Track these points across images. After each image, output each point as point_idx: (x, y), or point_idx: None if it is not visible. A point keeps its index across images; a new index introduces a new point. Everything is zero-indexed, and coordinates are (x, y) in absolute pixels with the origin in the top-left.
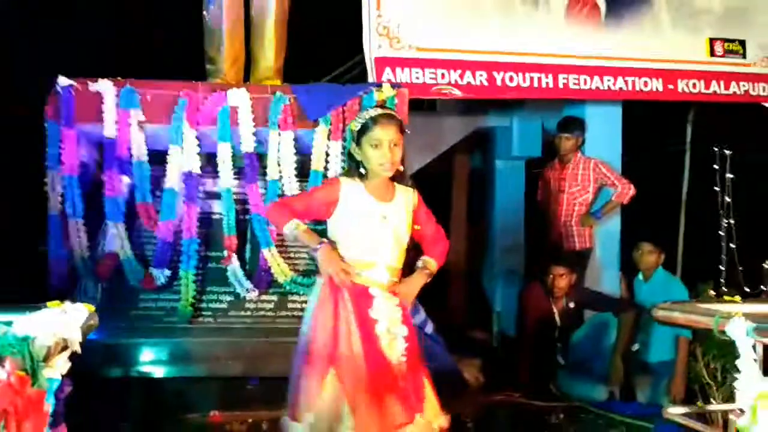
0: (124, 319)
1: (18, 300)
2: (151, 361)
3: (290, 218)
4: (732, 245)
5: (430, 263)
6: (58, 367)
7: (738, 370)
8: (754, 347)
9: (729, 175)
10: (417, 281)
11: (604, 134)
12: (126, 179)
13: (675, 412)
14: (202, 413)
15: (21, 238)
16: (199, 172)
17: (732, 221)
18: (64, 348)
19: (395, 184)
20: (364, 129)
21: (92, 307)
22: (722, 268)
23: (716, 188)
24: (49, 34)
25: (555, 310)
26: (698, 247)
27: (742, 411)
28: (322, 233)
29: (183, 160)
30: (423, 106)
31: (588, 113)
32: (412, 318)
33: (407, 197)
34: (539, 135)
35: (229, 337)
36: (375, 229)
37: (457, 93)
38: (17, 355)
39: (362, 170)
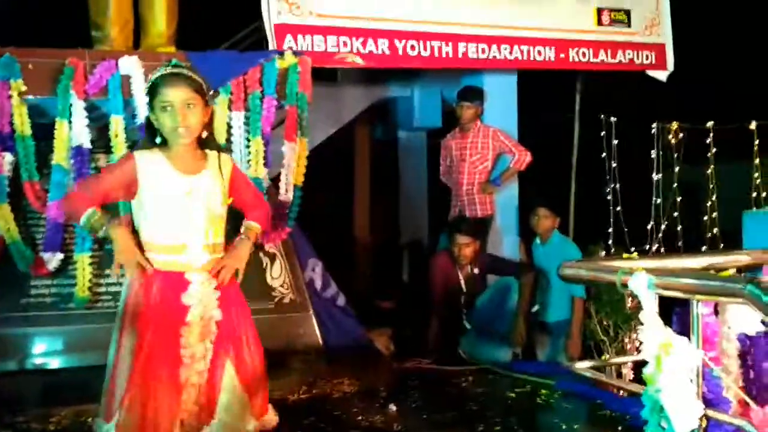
0: (14, 307)
1: None
2: (48, 351)
3: (86, 208)
4: (618, 208)
5: (253, 227)
6: None
7: (641, 323)
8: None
9: (614, 141)
10: (241, 250)
11: (501, 103)
12: (9, 156)
13: (582, 366)
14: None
15: None
16: (90, 146)
17: (618, 185)
18: None
19: (206, 151)
20: (152, 91)
21: None
22: (610, 230)
23: (603, 155)
24: None
25: (461, 277)
26: (588, 211)
27: (642, 364)
28: None
29: (71, 134)
30: (324, 75)
31: (486, 82)
32: (319, 289)
33: (220, 164)
34: (439, 105)
35: None
36: (180, 207)
37: (360, 62)
38: None
39: (158, 139)
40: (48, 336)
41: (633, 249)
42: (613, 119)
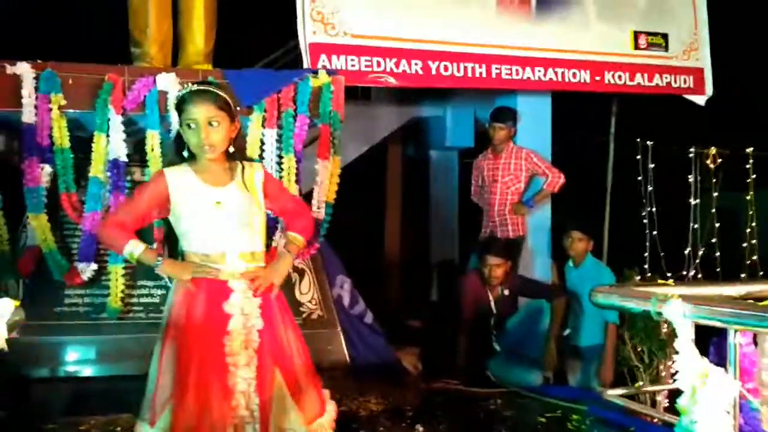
0: (48, 316)
1: None
2: (80, 359)
3: (127, 239)
4: (654, 232)
5: (295, 239)
6: None
7: (676, 352)
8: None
9: (651, 165)
10: (280, 264)
11: (534, 124)
12: (47, 168)
13: (614, 393)
14: (135, 413)
15: None
16: (126, 160)
17: (654, 209)
18: None
19: (237, 162)
20: (178, 109)
21: (17, 302)
22: (646, 254)
23: (639, 178)
24: None
25: (491, 298)
26: (623, 234)
27: (677, 392)
28: None
29: (109, 147)
30: (357, 95)
31: (519, 104)
32: (347, 306)
33: (251, 175)
34: (472, 125)
35: None
36: (212, 218)
37: (393, 81)
38: None
39: (186, 153)
40: (80, 345)
41: (669, 275)
42: (649, 143)
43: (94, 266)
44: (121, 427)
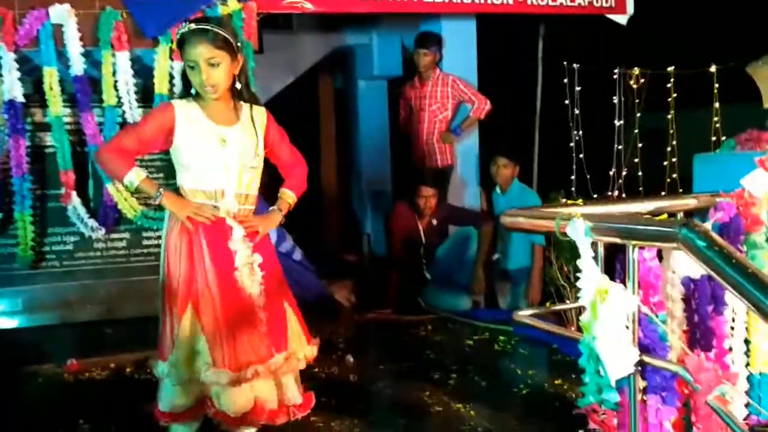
0: None
1: None
2: None
3: (129, 167)
4: (581, 155)
5: (288, 196)
6: None
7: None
8: (594, 246)
9: (577, 88)
10: (272, 219)
11: (459, 50)
12: None
13: (524, 314)
14: (56, 363)
15: None
16: (23, 100)
17: (580, 132)
18: None
19: (241, 103)
20: (180, 48)
21: None
22: (572, 177)
23: (566, 101)
24: None
25: (421, 228)
26: (551, 159)
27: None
28: None
29: (2, 87)
30: (278, 23)
31: (444, 29)
32: (274, 245)
33: (255, 116)
34: (399, 53)
35: (79, 280)
36: (215, 155)
37: (309, 6)
38: None
39: (193, 91)
40: None
41: (595, 196)
42: (575, 66)
43: None
44: (44, 376)
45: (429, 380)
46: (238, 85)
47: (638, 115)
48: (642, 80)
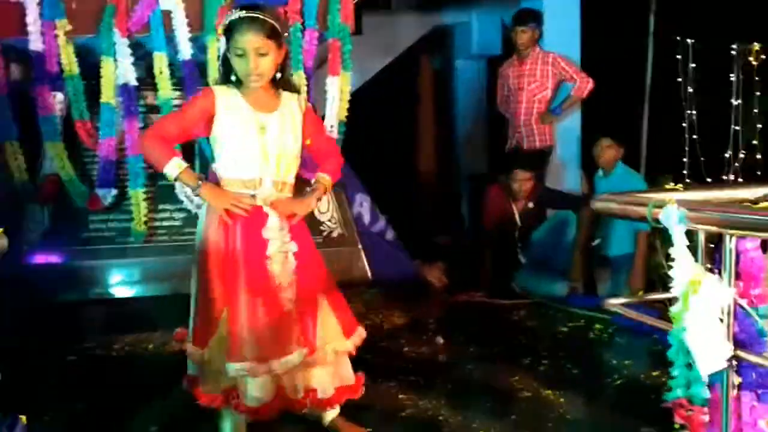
0: (76, 241)
1: None
2: (110, 282)
3: (170, 156)
4: (695, 136)
5: (324, 180)
6: None
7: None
8: (689, 235)
9: (691, 65)
10: (309, 201)
11: (562, 27)
12: (59, 95)
13: (615, 302)
14: (166, 330)
15: None
16: (136, 84)
17: (695, 112)
18: None
19: (281, 91)
20: (227, 35)
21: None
22: (685, 159)
23: (679, 79)
24: None
25: (516, 211)
26: (662, 140)
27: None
28: None
29: (117, 72)
30: (377, 4)
31: (546, 4)
32: (367, 224)
33: (295, 105)
34: (499, 31)
35: (187, 254)
36: (254, 142)
37: None
38: None
39: (233, 78)
40: (108, 268)
41: (709, 180)
42: (689, 41)
43: (114, 192)
44: (153, 344)
45: (519, 365)
46: (279, 75)
47: (757, 94)
48: (762, 57)
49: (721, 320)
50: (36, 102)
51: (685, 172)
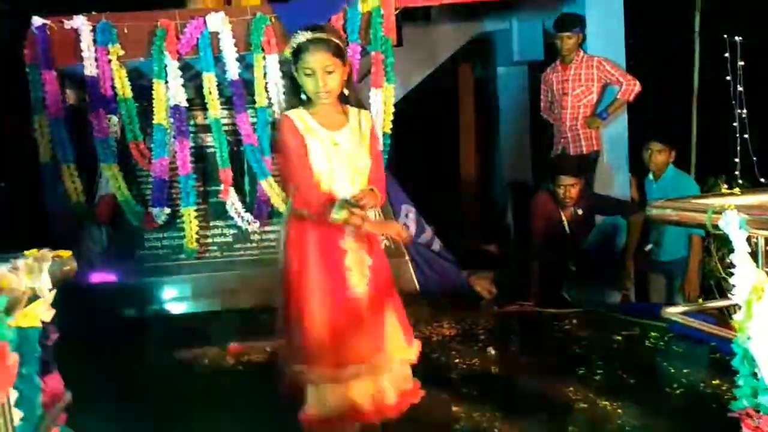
0: (133, 260)
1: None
2: (164, 298)
3: (329, 204)
4: (746, 136)
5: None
6: (35, 316)
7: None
8: (749, 240)
9: (740, 63)
10: (395, 226)
11: (605, 30)
12: (114, 118)
13: (674, 311)
14: (219, 345)
15: (23, 189)
16: (186, 105)
17: (745, 111)
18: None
19: (347, 106)
20: (295, 56)
21: (68, 253)
22: (736, 160)
23: (728, 77)
24: None
25: (564, 218)
26: (712, 140)
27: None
28: None
29: (168, 93)
30: (417, 16)
31: (588, 7)
32: (413, 236)
33: (361, 120)
34: (540, 37)
35: (237, 270)
36: (328, 159)
37: None
38: None
39: (303, 96)
40: (163, 285)
41: (762, 181)
42: (738, 38)
43: (167, 210)
44: (208, 358)
45: (574, 375)
46: (346, 91)
47: None
48: None
49: None
50: (91, 125)
51: (737, 173)
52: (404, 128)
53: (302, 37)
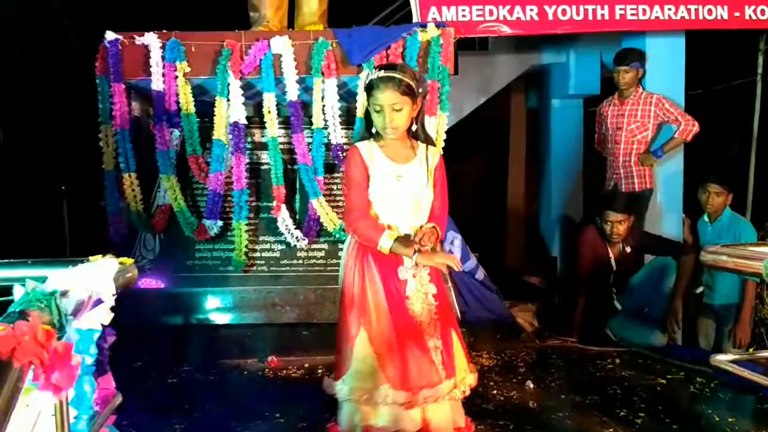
0: (182, 269)
1: (78, 254)
2: (210, 308)
3: (381, 232)
4: None
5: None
6: (96, 319)
7: None
8: None
9: None
10: (452, 257)
11: (666, 67)
12: (176, 132)
13: (723, 358)
14: (260, 358)
15: (85, 195)
16: (245, 122)
17: None
18: (101, 300)
19: (417, 141)
20: (368, 92)
21: (130, 260)
22: None
23: None
24: None
25: (611, 255)
26: None
27: None
28: None
29: (229, 111)
30: (475, 45)
31: (649, 45)
32: (442, 276)
33: (428, 156)
34: (597, 71)
35: (283, 285)
36: (392, 191)
37: (506, 30)
38: (44, 310)
39: (374, 130)
40: (210, 295)
41: None
42: None
43: (220, 223)
44: (248, 370)
45: (614, 416)
46: (414, 127)
47: None
48: None
49: None
50: (154, 137)
51: None
52: (456, 155)
53: (374, 74)
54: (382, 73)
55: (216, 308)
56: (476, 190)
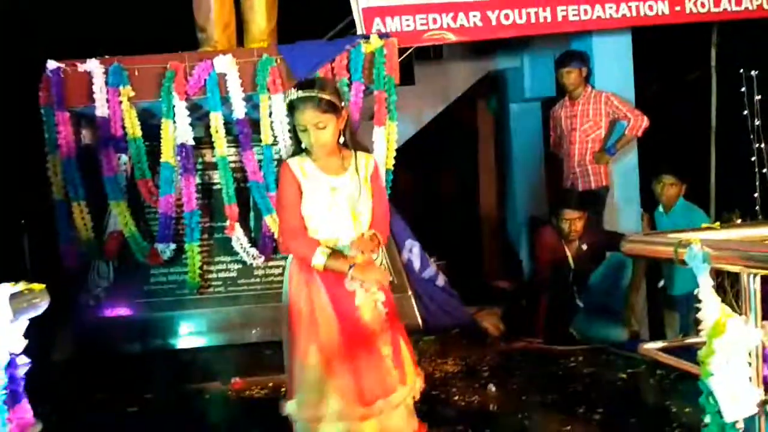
0: (138, 294)
1: None
2: (169, 333)
3: (315, 248)
4: (764, 170)
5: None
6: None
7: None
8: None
9: (757, 97)
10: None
11: (614, 65)
12: (123, 157)
13: (651, 347)
14: (223, 381)
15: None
16: (193, 143)
17: (763, 145)
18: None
19: (348, 151)
20: (289, 111)
21: (41, 286)
22: (756, 195)
23: (745, 112)
24: (39, 16)
25: (569, 254)
26: (730, 175)
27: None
28: None
29: (176, 132)
30: (429, 55)
31: (595, 44)
32: (417, 271)
33: (360, 164)
34: (552, 74)
35: (241, 304)
36: (328, 205)
37: (451, 37)
38: None
39: (304, 146)
40: (168, 320)
41: None
42: (753, 73)
43: (173, 246)
44: (211, 393)
45: (573, 414)
46: (342, 139)
47: None
48: None
49: (750, 364)
50: (101, 164)
51: (757, 208)
52: (418, 164)
53: (293, 94)
54: (300, 93)
55: (175, 333)
56: (448, 198)
